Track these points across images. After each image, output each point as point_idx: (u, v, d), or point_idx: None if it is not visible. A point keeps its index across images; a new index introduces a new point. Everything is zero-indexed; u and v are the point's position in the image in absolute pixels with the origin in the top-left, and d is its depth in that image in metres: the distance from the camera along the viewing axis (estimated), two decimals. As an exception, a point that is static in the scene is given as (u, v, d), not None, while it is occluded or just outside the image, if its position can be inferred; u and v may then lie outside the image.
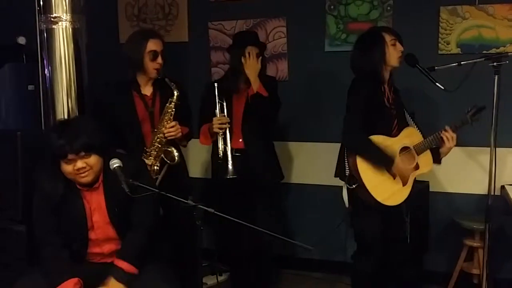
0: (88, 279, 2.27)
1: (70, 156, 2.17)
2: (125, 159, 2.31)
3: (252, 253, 3.36)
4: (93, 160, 2.22)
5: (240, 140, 3.17)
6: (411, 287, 3.20)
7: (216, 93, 2.99)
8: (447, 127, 2.70)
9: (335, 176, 2.83)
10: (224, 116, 3.01)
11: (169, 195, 2.20)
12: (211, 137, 3.07)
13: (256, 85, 3.02)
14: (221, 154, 3.01)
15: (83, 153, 2.18)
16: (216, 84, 3.02)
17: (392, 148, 2.67)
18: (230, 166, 2.96)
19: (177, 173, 2.90)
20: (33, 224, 2.35)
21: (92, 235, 2.34)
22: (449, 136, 2.69)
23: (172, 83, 2.78)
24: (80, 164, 2.19)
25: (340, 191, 2.80)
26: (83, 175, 2.21)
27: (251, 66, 3.03)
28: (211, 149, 3.30)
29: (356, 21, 3.64)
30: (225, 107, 3.02)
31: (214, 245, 3.81)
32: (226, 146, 3.01)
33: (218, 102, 3.00)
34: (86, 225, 2.31)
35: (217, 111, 3.01)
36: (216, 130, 2.99)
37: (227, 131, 3.02)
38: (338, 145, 2.81)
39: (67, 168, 2.20)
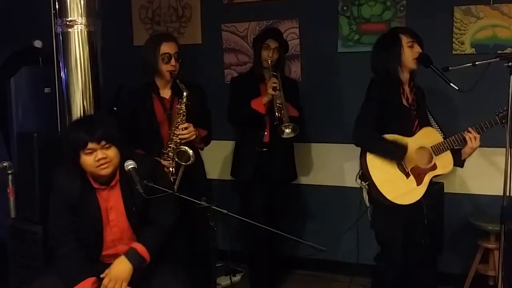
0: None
1: (90, 145, 2.21)
2: (140, 160, 2.34)
3: (270, 253, 3.40)
4: (113, 152, 2.26)
5: (266, 133, 3.24)
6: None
7: (270, 68, 3.21)
8: (470, 129, 2.67)
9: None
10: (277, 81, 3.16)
11: (182, 196, 2.22)
12: (264, 104, 3.19)
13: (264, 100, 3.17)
14: (277, 117, 3.15)
15: (103, 142, 2.23)
16: (270, 62, 3.20)
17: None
18: (286, 129, 3.13)
19: (194, 175, 2.92)
20: (49, 223, 2.38)
21: (108, 234, 2.36)
22: (472, 136, 2.66)
23: (182, 85, 2.79)
24: (100, 154, 2.23)
25: (353, 192, 2.79)
26: (103, 166, 2.24)
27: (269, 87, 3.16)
28: (233, 148, 3.33)
29: (369, 22, 3.63)
30: (279, 78, 3.19)
31: (229, 245, 3.82)
32: (282, 110, 3.15)
33: (272, 74, 3.19)
34: (101, 225, 2.34)
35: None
36: (270, 91, 3.14)
37: (282, 100, 3.15)
38: (351, 146, 2.81)
39: (88, 159, 2.23)
